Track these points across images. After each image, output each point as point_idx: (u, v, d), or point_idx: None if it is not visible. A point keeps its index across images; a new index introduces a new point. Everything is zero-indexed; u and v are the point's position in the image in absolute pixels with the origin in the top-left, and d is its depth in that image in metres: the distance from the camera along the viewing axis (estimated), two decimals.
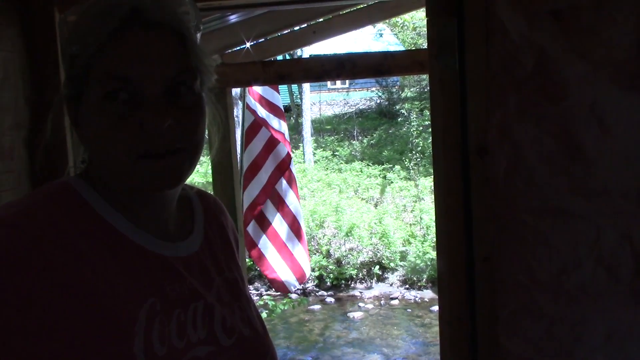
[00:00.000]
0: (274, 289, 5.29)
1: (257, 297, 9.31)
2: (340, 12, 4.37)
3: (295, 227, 5.21)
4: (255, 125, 5.02)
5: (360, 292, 10.11)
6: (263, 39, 4.45)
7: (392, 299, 9.86)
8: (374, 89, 21.78)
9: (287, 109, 17.63)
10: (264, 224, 5.05)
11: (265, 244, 5.03)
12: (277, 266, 5.06)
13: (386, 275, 10.42)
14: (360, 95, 22.74)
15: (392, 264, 10.42)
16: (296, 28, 4.56)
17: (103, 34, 0.79)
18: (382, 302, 9.76)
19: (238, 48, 4.22)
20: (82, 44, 0.81)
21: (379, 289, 10.20)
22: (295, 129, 16.69)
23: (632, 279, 1.46)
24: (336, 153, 17.05)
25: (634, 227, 1.47)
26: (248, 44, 4.06)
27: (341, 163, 15.95)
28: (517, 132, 1.54)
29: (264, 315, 7.69)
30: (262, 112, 5.06)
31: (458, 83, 1.61)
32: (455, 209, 1.60)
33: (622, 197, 1.47)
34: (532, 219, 1.51)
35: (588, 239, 1.48)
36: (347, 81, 22.45)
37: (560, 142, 1.50)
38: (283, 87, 19.37)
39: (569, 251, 1.49)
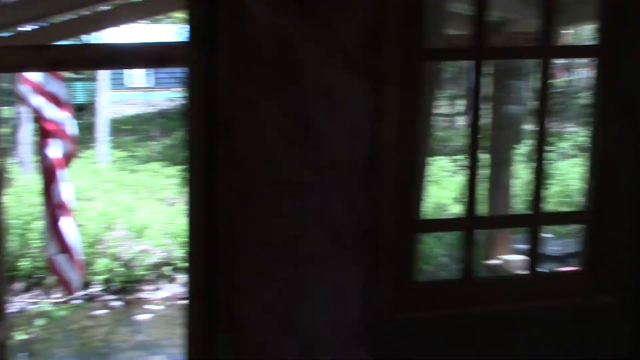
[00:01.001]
0: (65, 292, 5.15)
1: (34, 305, 8.57)
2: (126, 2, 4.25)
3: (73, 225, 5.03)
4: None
5: (150, 294, 9.82)
6: (46, 24, 4.18)
7: (182, 299, 9.73)
8: (179, 89, 21.33)
9: (82, 107, 16.62)
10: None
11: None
12: (66, 268, 4.90)
13: (178, 276, 10.26)
14: (164, 96, 22.15)
15: (184, 264, 10.27)
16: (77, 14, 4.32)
17: None
18: (172, 303, 9.59)
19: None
20: None
21: (169, 289, 10.00)
22: (90, 129, 15.75)
23: (354, 243, 1.64)
24: (133, 153, 16.45)
25: (357, 197, 1.64)
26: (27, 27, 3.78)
27: (138, 163, 15.42)
28: (260, 111, 1.63)
29: (41, 322, 7.20)
30: (36, 101, 4.74)
31: (211, 66, 1.66)
32: (198, 184, 1.64)
33: (348, 170, 1.64)
34: (269, 191, 1.61)
35: (316, 208, 1.62)
36: (151, 81, 21.87)
37: (295, 120, 1.62)
38: (79, 85, 18.26)
39: (300, 220, 1.61)
